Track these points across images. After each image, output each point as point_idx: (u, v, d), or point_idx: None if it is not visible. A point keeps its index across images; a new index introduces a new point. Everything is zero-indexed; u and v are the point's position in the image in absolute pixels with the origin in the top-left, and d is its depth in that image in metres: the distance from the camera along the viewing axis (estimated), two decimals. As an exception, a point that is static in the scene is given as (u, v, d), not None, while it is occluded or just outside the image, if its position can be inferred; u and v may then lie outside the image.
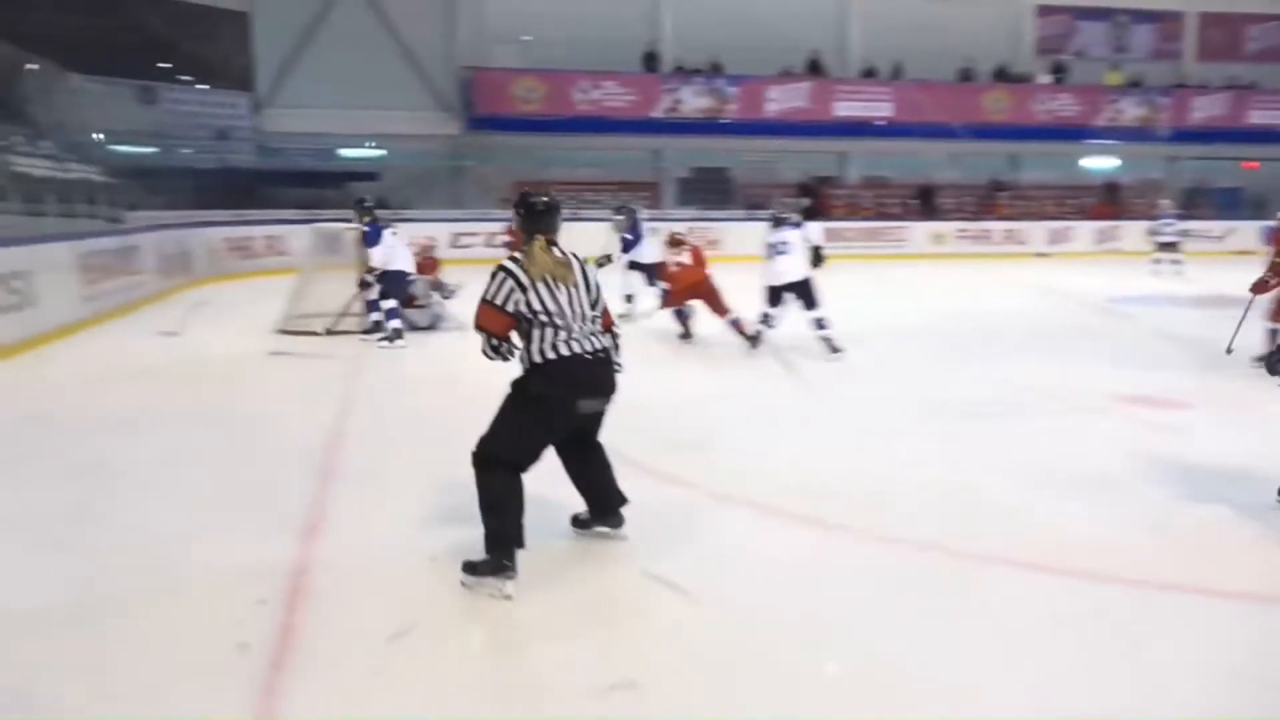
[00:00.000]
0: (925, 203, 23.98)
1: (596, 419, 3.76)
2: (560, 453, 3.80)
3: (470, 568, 3.43)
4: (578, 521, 3.98)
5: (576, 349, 3.49)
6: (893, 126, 23.42)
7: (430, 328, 9.79)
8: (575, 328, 3.50)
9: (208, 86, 21.70)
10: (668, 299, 9.39)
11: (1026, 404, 6.44)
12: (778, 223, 8.64)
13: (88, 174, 14.64)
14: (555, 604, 3.34)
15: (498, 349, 3.59)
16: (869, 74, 24.07)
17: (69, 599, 3.37)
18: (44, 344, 8.59)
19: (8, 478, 4.76)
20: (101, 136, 17.58)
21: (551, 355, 3.47)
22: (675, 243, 9.27)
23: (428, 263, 10.36)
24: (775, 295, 8.48)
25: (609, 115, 22.04)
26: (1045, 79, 25.20)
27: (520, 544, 3.42)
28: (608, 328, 3.68)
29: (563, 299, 3.49)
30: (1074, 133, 24.75)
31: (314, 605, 3.31)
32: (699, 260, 9.13)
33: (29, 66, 14.12)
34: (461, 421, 6.01)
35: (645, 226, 10.85)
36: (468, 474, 3.51)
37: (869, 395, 6.89)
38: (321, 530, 4.04)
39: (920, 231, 22.28)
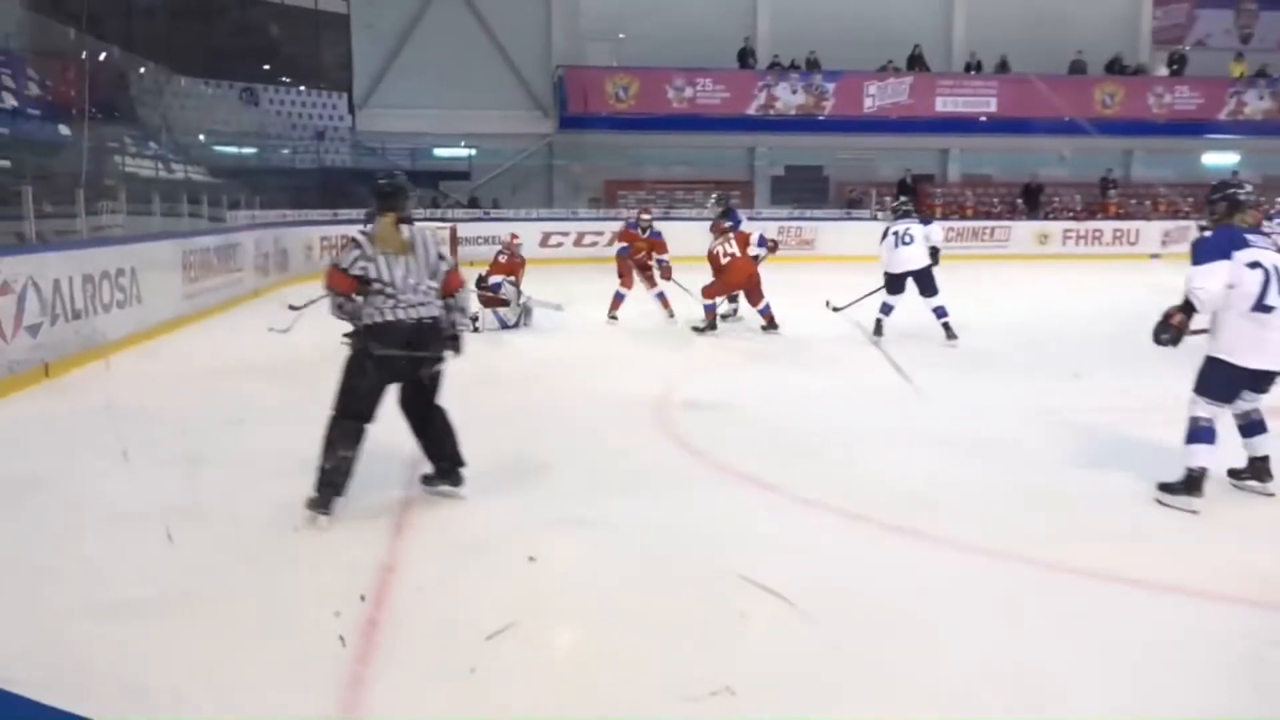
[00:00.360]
0: (1030, 201, 23.38)
1: (432, 381, 4.27)
2: (404, 412, 4.32)
3: (308, 500, 4.04)
4: (425, 479, 4.45)
5: (401, 315, 4.08)
6: (997, 122, 22.98)
7: (516, 325, 9.93)
8: (404, 297, 4.08)
9: (306, 88, 22.39)
10: (715, 289, 9.67)
11: (1136, 413, 6.21)
12: (902, 214, 9.14)
13: (191, 174, 15.21)
14: (653, 608, 3.35)
15: (341, 307, 4.16)
16: (973, 68, 23.58)
17: (173, 590, 3.50)
18: (149, 339, 8.96)
19: (117, 470, 4.95)
20: (205, 137, 18.21)
21: (379, 319, 4.09)
22: (720, 230, 9.64)
23: (513, 262, 10.37)
24: (895, 283, 8.83)
25: (702, 113, 22.08)
26: (1162, 71, 24.32)
27: (339, 492, 4.07)
28: (449, 294, 4.23)
29: (399, 271, 4.09)
30: (1193, 127, 23.85)
31: (408, 601, 3.37)
32: (744, 246, 9.54)
33: (139, 70, 14.74)
34: (547, 421, 6.13)
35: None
36: (557, 473, 3.54)
37: (976, 400, 6.77)
38: (414, 526, 4.12)
39: (1024, 231, 21.74)
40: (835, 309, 9.80)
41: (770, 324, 9.54)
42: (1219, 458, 4.43)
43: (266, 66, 22.12)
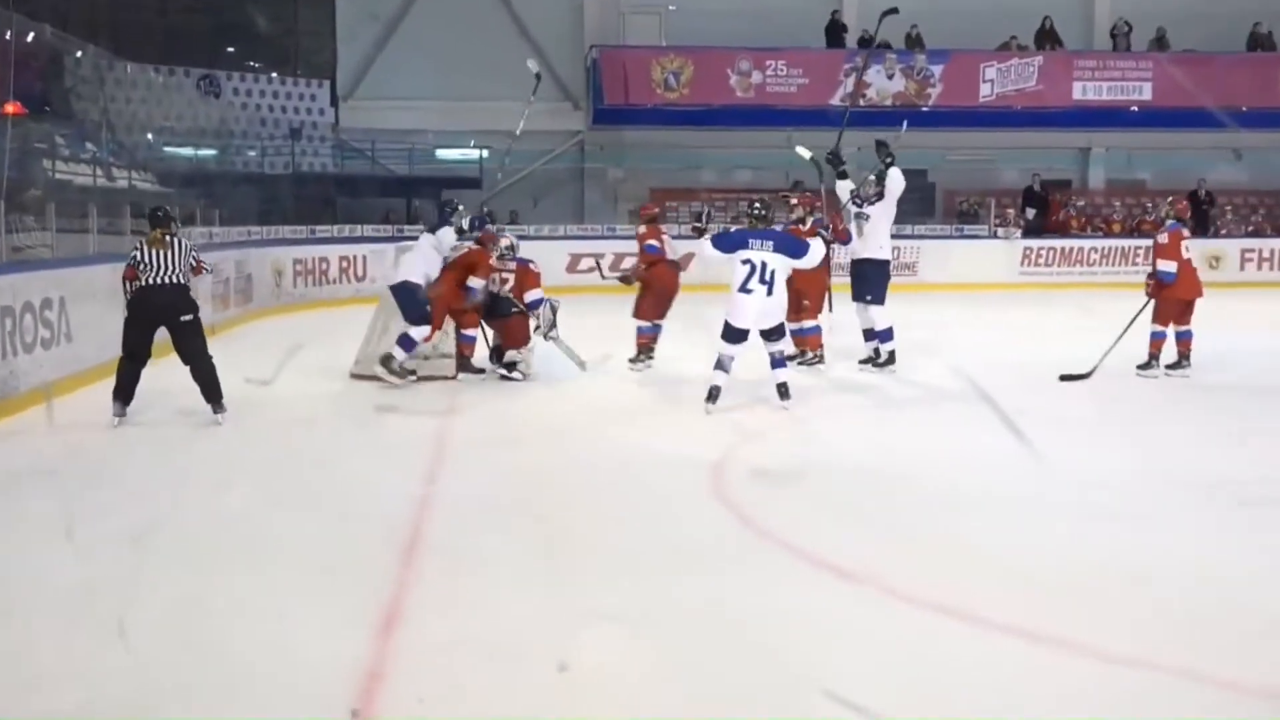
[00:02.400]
0: (1197, 214, 23.18)
1: (178, 332, 7.77)
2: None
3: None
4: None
5: (152, 283, 7.66)
6: (1152, 113, 22.90)
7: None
8: (153, 275, 7.66)
9: (279, 75, 22.88)
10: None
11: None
12: None
13: (137, 181, 15.66)
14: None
15: (126, 289, 7.80)
16: (1121, 45, 23.56)
17: (126, 693, 3.63)
18: (81, 386, 9.17)
19: (57, 545, 5.10)
20: (154, 136, 18.72)
21: (138, 285, 7.69)
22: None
23: (528, 276, 10.34)
24: None
25: (774, 104, 22.25)
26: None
27: (124, 399, 7.78)
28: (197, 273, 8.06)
29: (154, 257, 7.69)
30: None
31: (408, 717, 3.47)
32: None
33: (75, 54, 15.22)
34: (580, 489, 6.24)
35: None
36: (592, 555, 3.62)
37: (1107, 467, 6.76)
38: (413, 620, 4.23)
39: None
40: (1071, 378, 9.65)
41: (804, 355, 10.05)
42: None
43: (231, 49, 22.70)
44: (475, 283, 9.58)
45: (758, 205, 8.82)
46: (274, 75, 22.93)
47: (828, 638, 4.08)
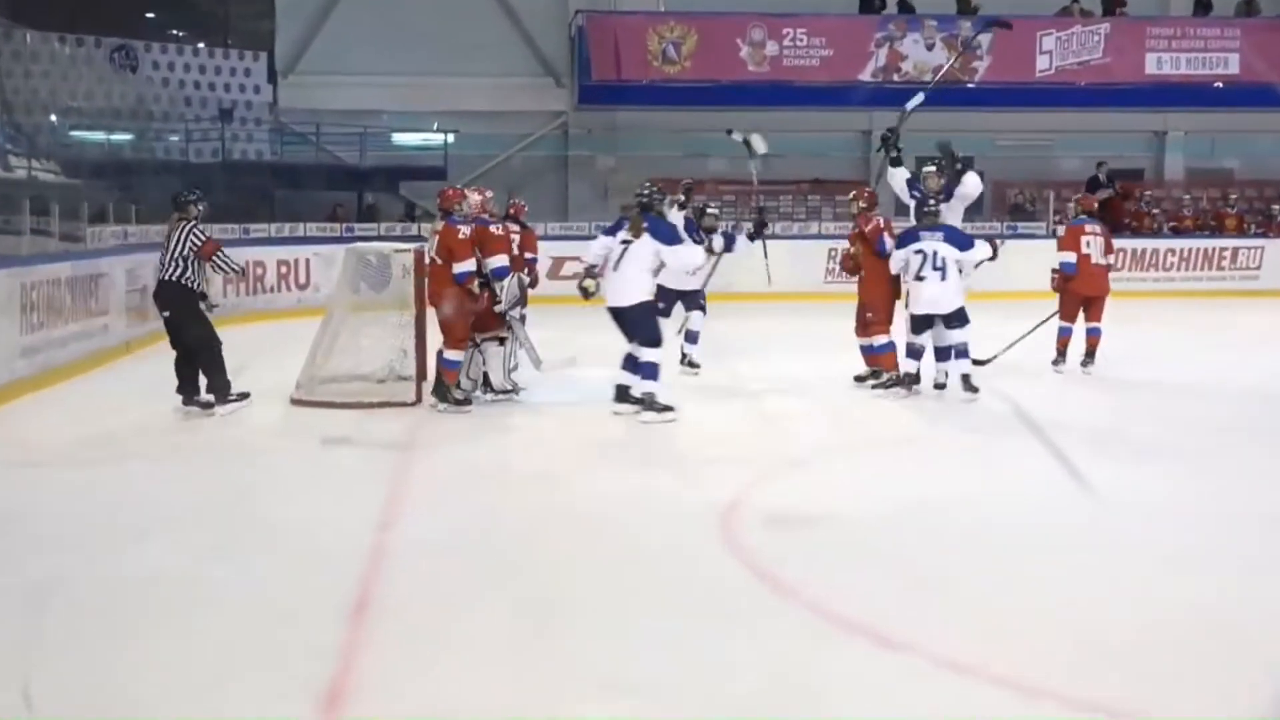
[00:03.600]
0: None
1: (168, 328, 9.27)
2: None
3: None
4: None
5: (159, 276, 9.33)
6: (1240, 90, 22.86)
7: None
8: (160, 263, 9.27)
9: (207, 47, 22.85)
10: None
11: None
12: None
13: (38, 171, 15.61)
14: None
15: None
16: (1202, 9, 23.61)
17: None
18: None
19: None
20: (58, 118, 18.67)
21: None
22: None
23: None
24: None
25: (793, 79, 22.24)
26: None
27: (182, 392, 9.18)
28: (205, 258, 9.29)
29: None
30: None
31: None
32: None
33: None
34: (570, 540, 6.19)
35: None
36: (585, 619, 3.58)
37: (1176, 503, 6.83)
38: (353, 696, 4.18)
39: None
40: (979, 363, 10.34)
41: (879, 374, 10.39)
42: None
43: (150, 15, 22.66)
44: (496, 263, 9.43)
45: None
46: (201, 46, 22.89)
47: (866, 717, 4.03)
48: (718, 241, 10.68)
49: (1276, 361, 12.78)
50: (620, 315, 9.36)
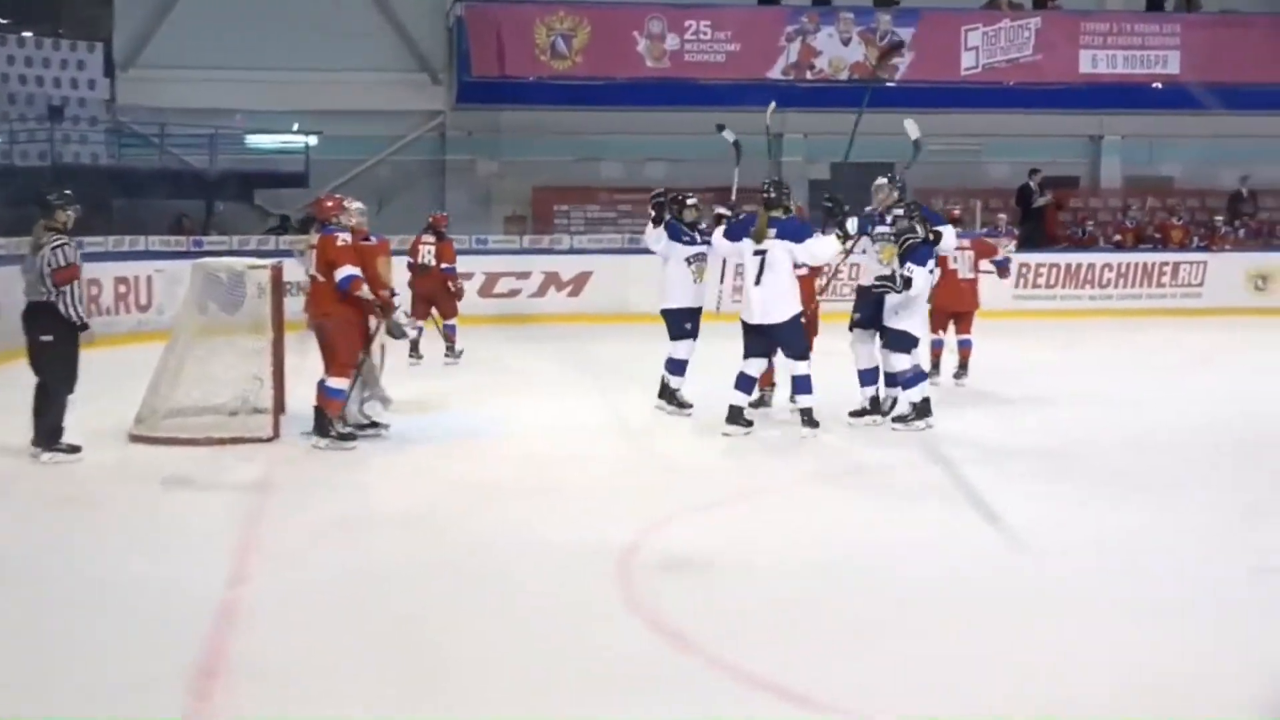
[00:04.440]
0: (1235, 220, 23.64)
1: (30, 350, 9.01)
2: None
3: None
4: None
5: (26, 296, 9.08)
6: (1180, 91, 23.21)
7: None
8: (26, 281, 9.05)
9: (35, 35, 22.50)
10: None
11: None
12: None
13: None
14: None
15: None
16: (1140, 5, 24.03)
17: None
18: None
19: None
20: None
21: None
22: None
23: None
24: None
25: (696, 77, 22.34)
26: None
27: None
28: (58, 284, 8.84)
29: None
30: None
31: None
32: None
33: None
34: (455, 594, 6.15)
35: None
36: (474, 679, 3.57)
37: (1124, 542, 6.94)
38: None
39: (1227, 270, 21.92)
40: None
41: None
42: None
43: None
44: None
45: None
46: (27, 35, 22.52)
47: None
48: (852, 224, 10.41)
49: (1221, 386, 13.04)
50: (768, 331, 9.62)
